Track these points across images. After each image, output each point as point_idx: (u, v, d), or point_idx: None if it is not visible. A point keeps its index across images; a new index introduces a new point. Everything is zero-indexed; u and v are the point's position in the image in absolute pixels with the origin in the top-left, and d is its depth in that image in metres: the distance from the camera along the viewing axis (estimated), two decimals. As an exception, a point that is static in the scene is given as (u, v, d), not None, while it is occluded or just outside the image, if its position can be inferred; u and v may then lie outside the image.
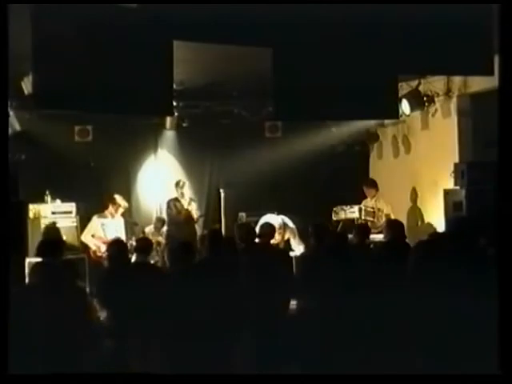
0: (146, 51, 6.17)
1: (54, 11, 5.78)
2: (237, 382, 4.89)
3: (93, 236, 9.53)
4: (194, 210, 10.20)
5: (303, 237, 8.82)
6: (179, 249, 6.60)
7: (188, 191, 10.39)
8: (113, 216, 9.71)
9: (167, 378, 4.89)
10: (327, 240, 6.53)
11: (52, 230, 9.39)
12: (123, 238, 9.17)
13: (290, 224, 9.36)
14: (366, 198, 10.48)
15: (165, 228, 10.26)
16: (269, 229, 7.21)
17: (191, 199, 10.34)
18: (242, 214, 10.17)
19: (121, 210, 9.82)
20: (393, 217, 9.65)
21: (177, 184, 10.31)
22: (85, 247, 9.57)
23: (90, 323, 5.88)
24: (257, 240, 6.91)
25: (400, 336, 5.41)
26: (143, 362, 5.97)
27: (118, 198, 9.84)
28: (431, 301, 5.04)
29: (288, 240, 9.21)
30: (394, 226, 6.96)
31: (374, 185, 10.59)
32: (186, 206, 10.15)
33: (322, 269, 5.94)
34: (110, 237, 9.15)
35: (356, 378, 4.69)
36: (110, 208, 9.73)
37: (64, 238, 8.88)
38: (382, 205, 10.27)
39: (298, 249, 8.90)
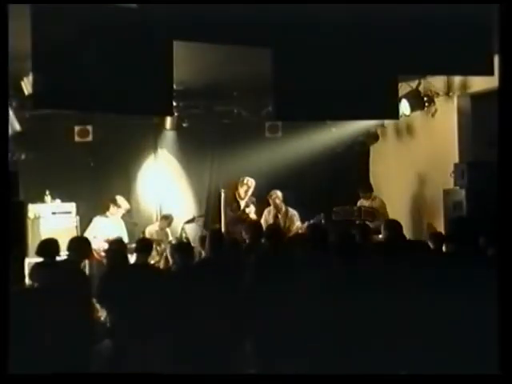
0: (146, 51, 6.16)
1: (54, 11, 5.78)
2: (237, 382, 4.89)
3: (94, 237, 9.53)
4: (252, 213, 9.92)
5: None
6: (180, 248, 6.61)
7: (250, 191, 10.12)
8: (114, 217, 9.72)
9: (167, 378, 4.89)
10: (326, 240, 6.53)
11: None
12: (125, 239, 9.17)
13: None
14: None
15: (168, 230, 10.22)
16: (275, 230, 7.22)
17: (252, 201, 10.09)
18: (243, 214, 10.17)
19: (122, 211, 9.82)
20: (386, 216, 9.70)
21: (241, 182, 10.16)
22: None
23: (90, 324, 5.89)
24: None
25: (401, 336, 5.41)
26: (144, 362, 5.97)
27: (120, 198, 9.84)
28: (431, 301, 5.05)
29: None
30: (392, 226, 6.96)
31: (368, 188, 10.61)
32: (242, 207, 9.99)
33: (323, 269, 5.94)
34: (112, 238, 9.16)
35: (356, 378, 4.69)
36: (112, 209, 9.74)
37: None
38: (378, 204, 10.28)
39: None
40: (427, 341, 5.17)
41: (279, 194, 10.07)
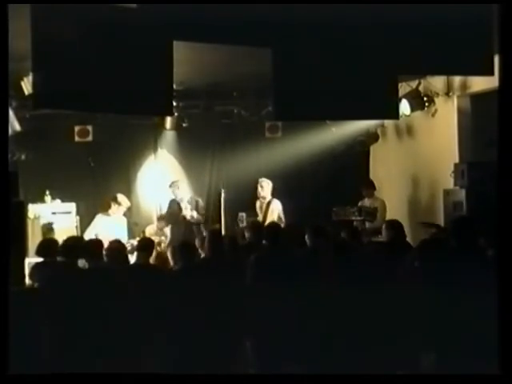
0: (146, 51, 6.16)
1: (54, 11, 5.78)
2: (237, 382, 4.89)
3: (96, 236, 9.53)
4: (188, 212, 10.01)
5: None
6: (179, 249, 6.60)
7: (181, 192, 10.22)
8: (116, 215, 9.74)
9: (167, 378, 4.88)
10: (327, 241, 6.52)
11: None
12: (125, 237, 9.18)
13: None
14: (364, 198, 10.51)
15: (168, 228, 10.23)
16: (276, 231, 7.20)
17: (192, 201, 10.19)
18: (242, 214, 10.18)
19: (123, 209, 9.84)
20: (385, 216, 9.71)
21: (170, 185, 10.27)
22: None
23: (90, 323, 5.88)
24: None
25: (401, 336, 5.41)
26: (143, 362, 5.97)
27: (121, 196, 9.87)
28: (432, 301, 5.05)
29: None
30: (393, 227, 6.95)
31: (371, 185, 10.62)
32: (183, 208, 10.06)
33: (322, 270, 5.94)
34: (113, 236, 9.17)
35: (356, 378, 4.69)
36: (113, 207, 9.76)
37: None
38: (378, 203, 10.28)
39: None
40: (427, 340, 5.17)
41: (264, 182, 10.20)
